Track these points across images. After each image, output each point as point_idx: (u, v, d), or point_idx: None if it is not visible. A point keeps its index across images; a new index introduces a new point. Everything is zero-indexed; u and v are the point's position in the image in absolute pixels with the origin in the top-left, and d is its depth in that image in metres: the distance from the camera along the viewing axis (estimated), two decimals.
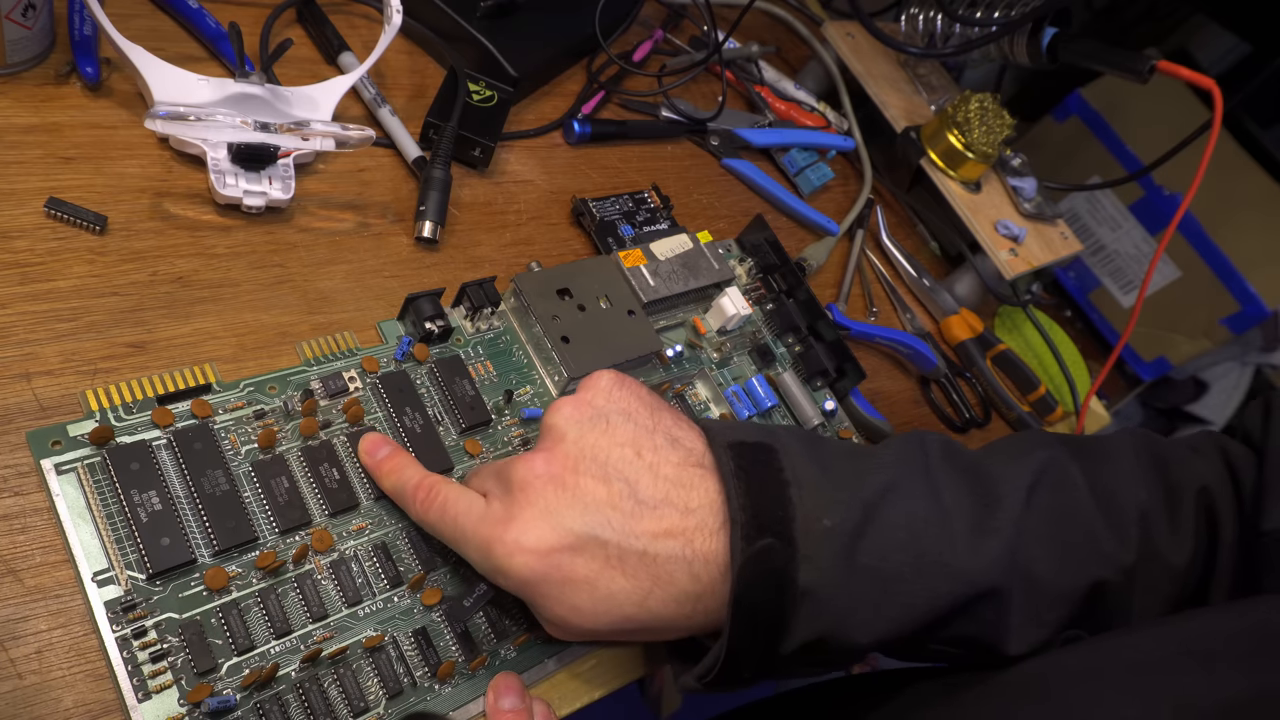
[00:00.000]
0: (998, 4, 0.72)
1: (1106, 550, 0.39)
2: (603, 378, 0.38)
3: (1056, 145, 1.14)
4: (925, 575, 0.35)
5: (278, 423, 0.40)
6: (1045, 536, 0.38)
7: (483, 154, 0.54)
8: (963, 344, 0.70)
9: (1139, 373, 1.18)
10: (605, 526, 0.34)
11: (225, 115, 0.44)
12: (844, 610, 0.34)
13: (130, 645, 0.33)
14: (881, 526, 0.35)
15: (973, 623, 0.37)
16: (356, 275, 0.47)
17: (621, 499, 0.35)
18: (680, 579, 0.34)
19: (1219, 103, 0.64)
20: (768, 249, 0.59)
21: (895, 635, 0.36)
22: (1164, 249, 0.73)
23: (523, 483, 0.35)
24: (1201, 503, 0.41)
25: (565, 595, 0.34)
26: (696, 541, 0.34)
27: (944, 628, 0.37)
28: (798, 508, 0.34)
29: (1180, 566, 0.40)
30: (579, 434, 0.36)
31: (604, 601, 0.34)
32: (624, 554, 0.34)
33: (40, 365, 0.37)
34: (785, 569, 0.34)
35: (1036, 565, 0.37)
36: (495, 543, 0.34)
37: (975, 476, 0.39)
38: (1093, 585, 0.38)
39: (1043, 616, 0.37)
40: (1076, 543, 0.38)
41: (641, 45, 0.69)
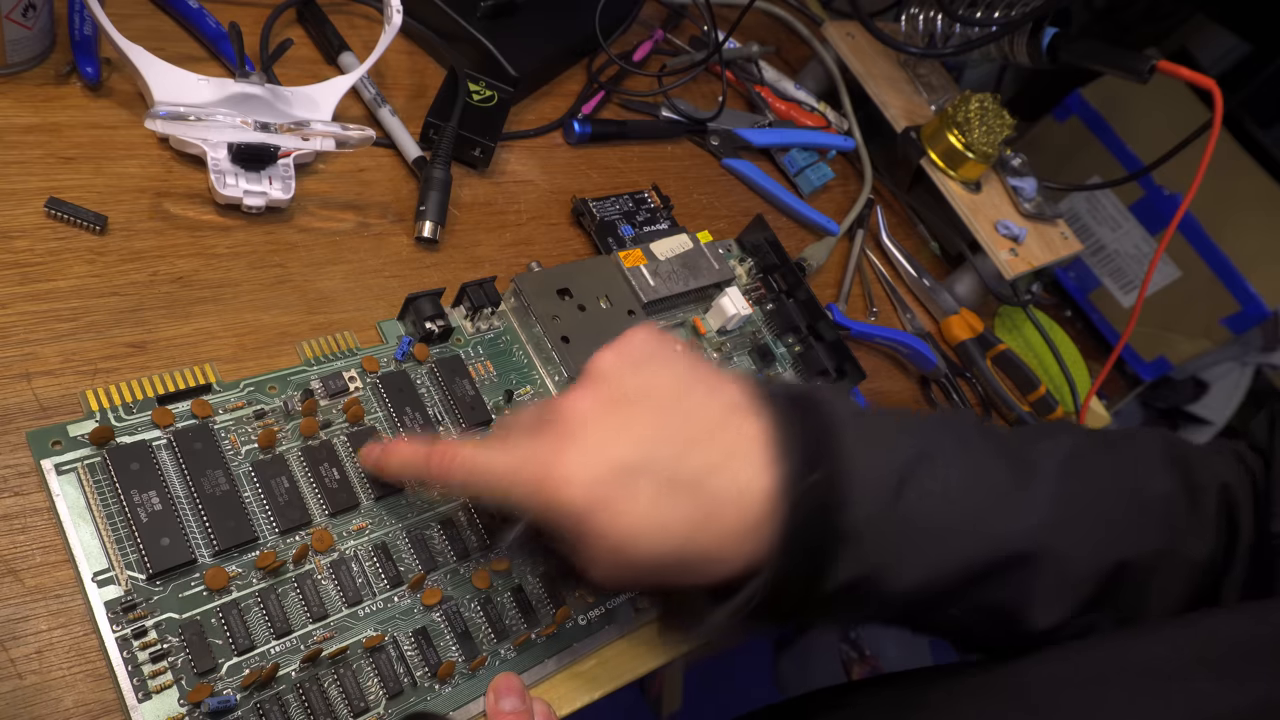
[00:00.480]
0: (998, 4, 0.72)
1: (1131, 535, 0.39)
2: (641, 330, 0.39)
3: (1056, 145, 1.13)
4: (961, 532, 0.36)
5: (278, 423, 0.40)
6: (1074, 515, 0.38)
7: (483, 154, 0.54)
8: (963, 344, 0.70)
9: (1139, 373, 1.18)
10: (657, 459, 0.34)
11: (225, 115, 0.44)
12: (883, 556, 0.35)
13: (130, 645, 0.33)
14: (922, 481, 0.36)
15: (1001, 588, 0.38)
16: (356, 275, 0.47)
17: (670, 434, 0.35)
18: (729, 513, 0.34)
19: (1219, 103, 0.64)
20: (768, 249, 0.59)
21: (929, 587, 0.36)
22: (1164, 249, 0.73)
23: (572, 414, 0.35)
24: (1222, 500, 0.42)
25: (618, 526, 0.33)
26: (743, 476, 0.34)
27: (973, 589, 0.37)
28: (844, 452, 0.35)
29: (1199, 560, 0.41)
30: (622, 376, 0.36)
31: (657, 533, 0.33)
32: (675, 486, 0.34)
33: (40, 365, 0.37)
34: (836, 506, 0.34)
35: (1064, 541, 0.38)
36: (546, 478, 0.34)
37: (1009, 451, 0.40)
38: (1116, 565, 0.39)
39: (1066, 593, 0.38)
40: (1103, 525, 0.39)
41: (641, 45, 0.69)
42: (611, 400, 0.35)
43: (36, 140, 0.42)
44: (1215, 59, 1.15)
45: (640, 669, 0.43)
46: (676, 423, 0.35)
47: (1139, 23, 1.14)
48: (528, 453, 0.35)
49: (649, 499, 0.33)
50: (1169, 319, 1.11)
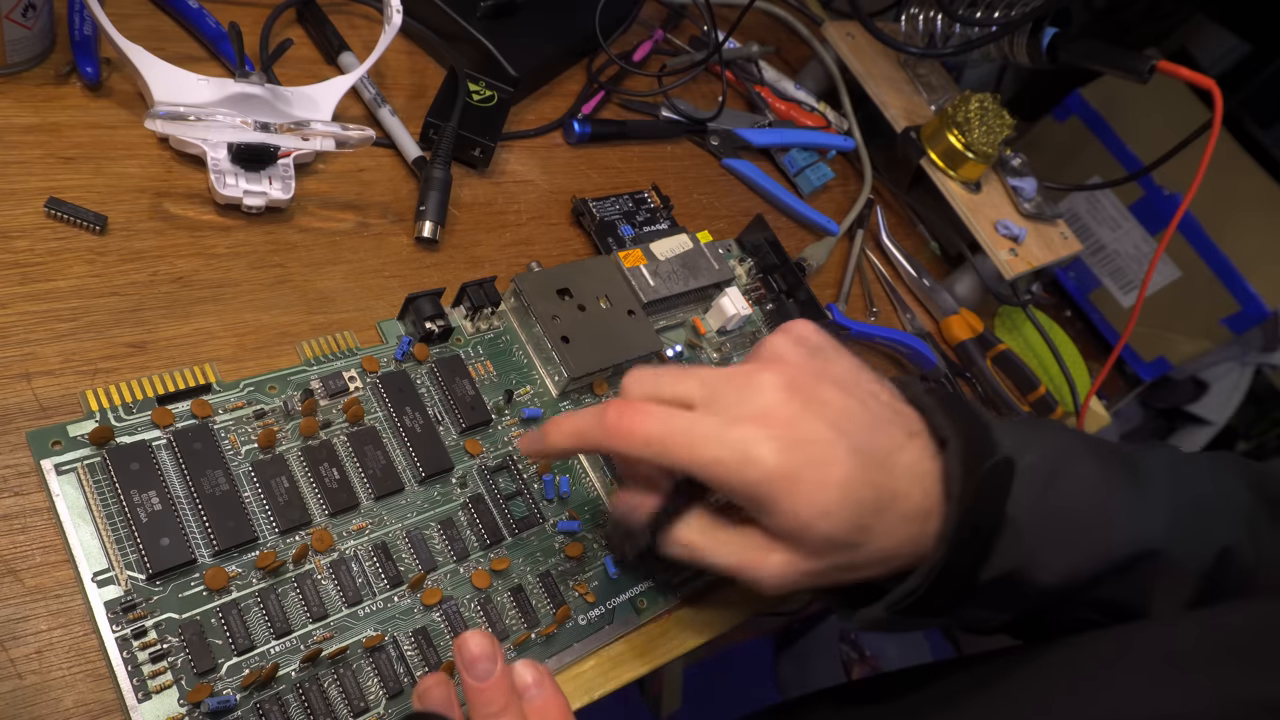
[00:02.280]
0: (998, 4, 0.72)
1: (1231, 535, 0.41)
2: (805, 321, 0.39)
3: (1056, 145, 1.14)
4: (1104, 527, 0.38)
5: (278, 423, 0.40)
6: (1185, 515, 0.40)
7: (483, 154, 0.54)
8: (963, 344, 0.70)
9: (1139, 373, 1.18)
10: (852, 433, 0.34)
11: (225, 115, 0.44)
12: (1035, 547, 0.36)
13: (130, 645, 0.33)
14: (1068, 476, 0.38)
15: (1127, 584, 0.39)
16: (356, 275, 0.47)
17: (859, 412, 0.35)
18: (914, 494, 0.35)
19: (1219, 103, 0.64)
20: (768, 249, 0.59)
21: (1071, 579, 0.38)
22: (1164, 249, 0.73)
23: (765, 386, 0.35)
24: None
25: (817, 494, 0.33)
26: (924, 460, 0.36)
27: (1103, 584, 0.39)
28: (1002, 443, 0.36)
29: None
30: (802, 358, 0.37)
31: (853, 505, 0.33)
32: (869, 461, 0.34)
33: (40, 365, 0.37)
34: (1004, 493, 0.35)
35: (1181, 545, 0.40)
36: (752, 436, 0.33)
37: (1122, 456, 0.42)
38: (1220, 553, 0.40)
39: (1179, 592, 0.40)
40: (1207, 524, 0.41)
41: (641, 45, 0.69)
42: (800, 376, 0.35)
43: (36, 140, 0.42)
44: (1215, 59, 1.15)
45: (640, 669, 0.43)
46: (860, 404, 0.36)
47: (1139, 23, 1.14)
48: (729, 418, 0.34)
49: (846, 470, 0.33)
50: (1169, 319, 1.11)
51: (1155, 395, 1.27)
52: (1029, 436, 0.39)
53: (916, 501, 0.35)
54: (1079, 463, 0.39)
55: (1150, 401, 1.30)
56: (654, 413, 0.35)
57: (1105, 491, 0.39)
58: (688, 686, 1.11)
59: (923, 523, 0.35)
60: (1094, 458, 0.40)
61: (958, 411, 0.37)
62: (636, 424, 0.35)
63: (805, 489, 0.33)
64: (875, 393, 0.37)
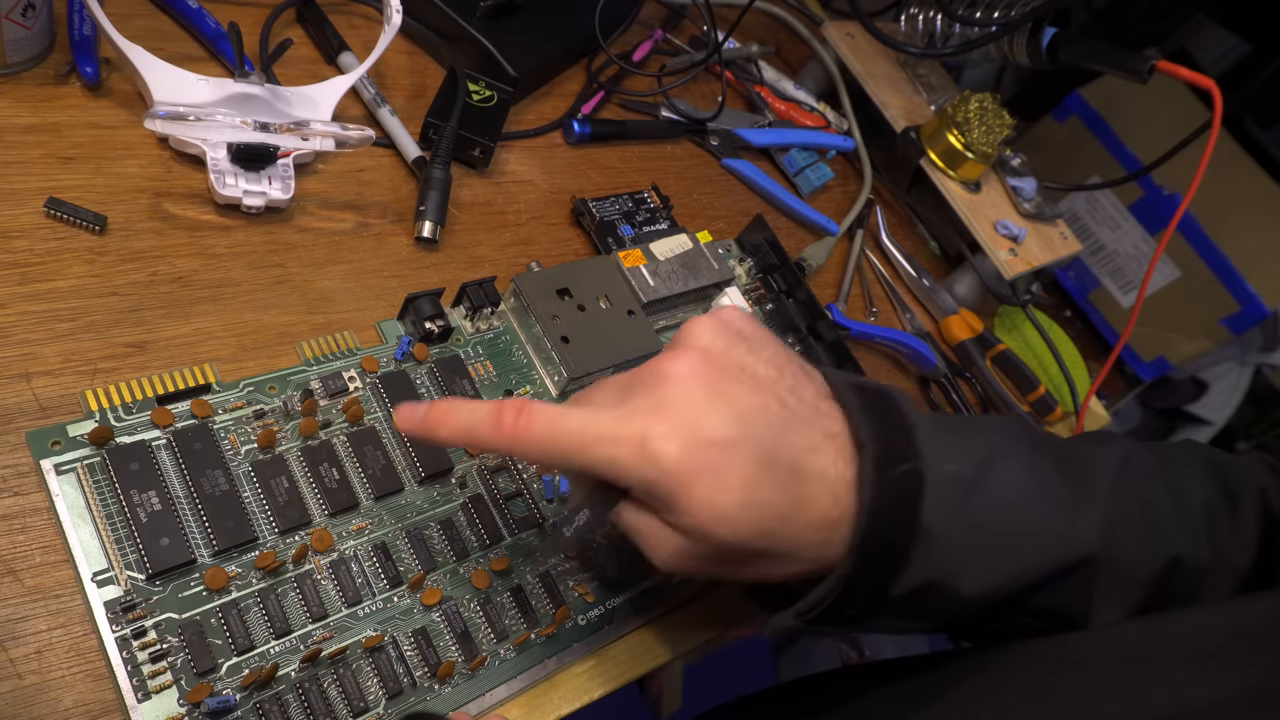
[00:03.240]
0: (998, 4, 0.72)
1: (1183, 538, 0.39)
2: (734, 308, 0.37)
3: (1056, 145, 1.14)
4: (1030, 535, 0.36)
5: (277, 423, 0.40)
6: (1131, 518, 0.38)
7: (483, 154, 0.54)
8: (962, 344, 0.70)
9: (1139, 373, 1.18)
10: (761, 432, 0.32)
11: (225, 115, 0.44)
12: (956, 558, 0.34)
13: (130, 645, 0.33)
14: (993, 484, 0.36)
15: (1062, 592, 0.37)
16: (356, 275, 0.47)
17: (773, 410, 0.33)
18: (823, 500, 0.33)
19: (1219, 103, 0.64)
20: (768, 249, 0.59)
21: (996, 591, 0.36)
22: (1164, 249, 0.73)
23: (675, 377, 0.33)
24: (1260, 505, 0.42)
25: (717, 496, 0.31)
26: (839, 464, 0.33)
27: (1038, 594, 0.37)
28: (923, 449, 0.34)
29: (1244, 568, 0.41)
30: (725, 346, 0.34)
31: (753, 510, 0.32)
32: (775, 463, 0.32)
33: (40, 365, 0.37)
34: (913, 502, 0.33)
35: (1122, 545, 0.38)
36: (649, 432, 0.31)
37: (1066, 456, 0.39)
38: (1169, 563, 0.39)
39: (1124, 597, 0.38)
40: (1156, 528, 0.39)
41: (641, 45, 0.69)
42: (715, 368, 0.33)
43: (36, 140, 0.42)
44: (1215, 59, 1.15)
45: (640, 669, 0.43)
46: (776, 401, 0.34)
47: (1139, 23, 1.14)
48: (624, 412, 0.32)
49: (751, 473, 0.32)
50: (1169, 319, 1.11)
51: (1155, 395, 1.27)
52: (957, 441, 0.36)
53: (824, 509, 0.33)
54: (1007, 469, 0.36)
55: (1150, 401, 1.30)
56: (544, 412, 0.33)
57: (1035, 499, 0.37)
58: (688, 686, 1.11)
59: (831, 530, 0.33)
60: (1026, 463, 0.37)
61: (881, 413, 0.35)
62: (523, 427, 0.33)
63: (702, 490, 0.31)
64: (797, 389, 0.35)
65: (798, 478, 0.33)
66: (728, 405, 0.32)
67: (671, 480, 0.31)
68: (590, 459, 0.32)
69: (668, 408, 0.32)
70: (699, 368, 0.33)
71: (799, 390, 0.35)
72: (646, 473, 0.31)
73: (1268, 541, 0.41)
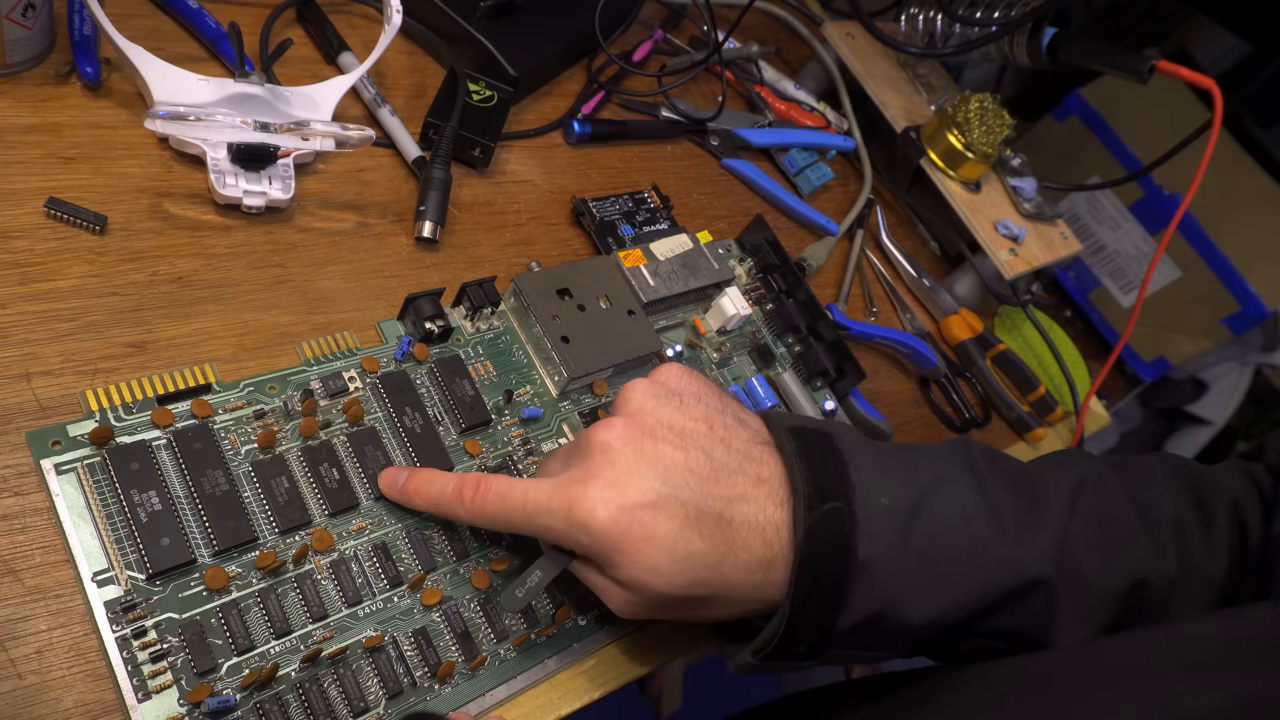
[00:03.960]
0: (998, 4, 0.72)
1: (1147, 555, 0.40)
2: (673, 366, 0.40)
3: (1056, 145, 1.13)
4: (976, 560, 0.37)
5: (278, 423, 0.40)
6: (1089, 538, 0.39)
7: (483, 154, 0.54)
8: (962, 344, 0.70)
9: (1139, 373, 1.18)
10: (685, 488, 0.35)
11: (225, 115, 0.44)
12: (900, 588, 0.36)
13: (130, 645, 0.33)
14: (935, 511, 0.37)
15: (1020, 614, 0.38)
16: (356, 275, 0.47)
17: (699, 464, 0.35)
18: (754, 544, 0.35)
19: (1219, 103, 0.64)
20: (768, 249, 0.59)
21: (946, 618, 0.37)
22: (1164, 249, 0.73)
23: (603, 445, 0.35)
24: (1233, 517, 0.42)
25: (645, 553, 0.34)
26: (769, 509, 0.35)
27: (992, 616, 0.38)
28: (857, 485, 0.36)
29: (1216, 579, 0.41)
30: (655, 407, 0.37)
31: (681, 561, 0.34)
32: (702, 515, 0.34)
33: (40, 365, 0.37)
34: (847, 538, 0.35)
35: (1082, 565, 0.38)
36: (579, 500, 0.34)
37: (1019, 478, 0.40)
38: (1134, 585, 0.39)
39: (1087, 615, 0.39)
40: (1119, 546, 0.40)
41: (641, 45, 0.69)
42: (641, 432, 0.36)
43: (36, 140, 0.42)
44: (1215, 59, 1.15)
45: (640, 669, 0.43)
46: (704, 455, 0.36)
47: (1139, 23, 1.14)
48: (560, 481, 0.35)
49: (676, 528, 0.34)
50: (1169, 319, 1.11)
51: (1155, 395, 1.27)
52: (896, 472, 0.38)
53: (756, 551, 0.35)
54: (951, 494, 0.38)
55: (1150, 401, 1.30)
56: (495, 488, 0.36)
57: (980, 523, 0.37)
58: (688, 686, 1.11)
59: (766, 572, 0.35)
60: (972, 487, 0.38)
61: (816, 454, 0.36)
62: (479, 502, 0.36)
63: (631, 547, 0.34)
64: (728, 439, 0.37)
65: (725, 526, 0.35)
66: (651, 466, 0.35)
67: (603, 542, 0.34)
68: (535, 528, 0.36)
69: (595, 474, 0.35)
70: (626, 432, 0.36)
71: (730, 441, 0.37)
72: (580, 538, 0.35)
73: (1242, 551, 0.42)
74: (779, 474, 0.37)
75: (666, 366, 0.40)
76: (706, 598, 0.35)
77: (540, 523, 0.35)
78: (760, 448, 0.37)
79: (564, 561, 0.37)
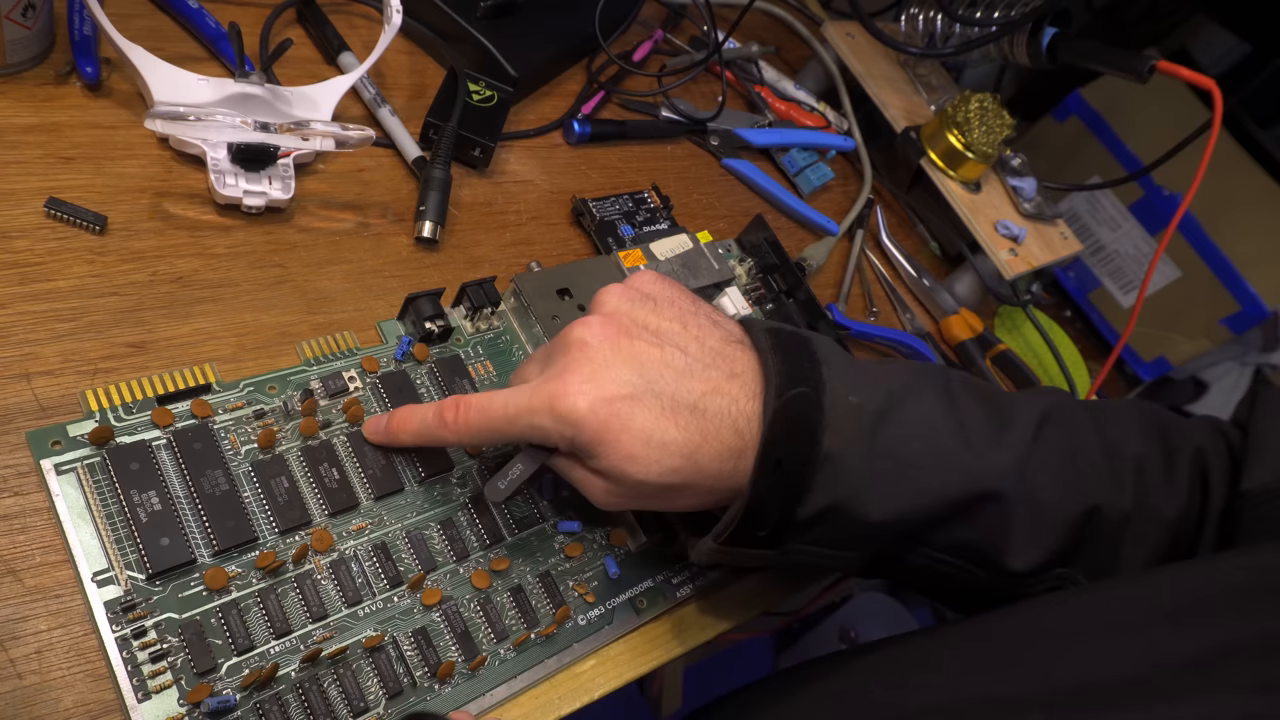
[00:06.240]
0: (998, 4, 0.72)
1: (1104, 486, 0.41)
2: (648, 272, 0.41)
3: (1056, 145, 1.13)
4: (939, 466, 0.38)
5: (278, 423, 0.40)
6: (1050, 465, 0.40)
7: (483, 154, 0.54)
8: (962, 344, 0.70)
9: (1139, 373, 1.18)
10: (660, 381, 0.36)
11: (225, 115, 0.44)
12: (861, 483, 0.37)
13: (130, 645, 0.33)
14: (903, 417, 0.38)
15: (976, 526, 0.39)
16: (356, 275, 0.47)
17: (673, 360, 0.37)
18: (725, 434, 0.36)
19: (1219, 103, 0.64)
20: (768, 249, 0.59)
21: (904, 519, 0.38)
22: (1164, 249, 0.73)
23: (580, 342, 0.37)
24: (1197, 463, 0.44)
25: (623, 443, 0.35)
26: (741, 400, 0.37)
27: (947, 525, 0.39)
28: (827, 382, 0.37)
29: (1171, 517, 0.42)
30: (630, 308, 0.38)
31: (657, 450, 0.35)
32: (677, 407, 0.36)
33: (40, 365, 0.37)
34: (813, 428, 0.36)
35: (1041, 490, 0.40)
36: (559, 395, 0.35)
37: (991, 400, 0.42)
38: (1088, 511, 0.40)
39: (1041, 537, 0.40)
40: (1078, 475, 0.41)
41: (641, 45, 0.69)
42: (618, 329, 0.37)
43: (36, 140, 0.42)
44: (1215, 59, 1.15)
45: (640, 669, 0.43)
46: (678, 351, 0.37)
47: (1139, 23, 1.14)
48: (538, 381, 0.37)
49: (653, 418, 0.35)
50: (1169, 319, 1.11)
51: (1155, 395, 1.26)
52: (868, 377, 0.39)
53: (728, 441, 0.36)
54: (920, 403, 0.39)
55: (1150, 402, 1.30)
56: (475, 404, 0.38)
57: (946, 433, 0.39)
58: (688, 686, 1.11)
59: (736, 460, 0.36)
60: (944, 400, 0.40)
61: (790, 351, 0.38)
62: (462, 420, 0.38)
63: (611, 436, 0.35)
64: (702, 338, 0.38)
65: (699, 416, 0.36)
66: (627, 361, 0.36)
67: (585, 433, 0.35)
68: (519, 431, 0.37)
69: (574, 370, 0.36)
70: (603, 330, 0.37)
71: (704, 339, 0.38)
72: (565, 430, 0.36)
73: (1202, 499, 0.43)
74: (753, 368, 0.38)
75: (642, 272, 0.41)
76: (681, 485, 0.36)
77: (525, 423, 0.36)
78: (734, 346, 0.39)
79: (544, 456, 0.38)
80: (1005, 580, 0.41)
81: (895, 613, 1.19)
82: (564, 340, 0.37)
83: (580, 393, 0.35)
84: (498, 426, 0.37)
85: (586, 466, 0.37)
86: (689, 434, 0.36)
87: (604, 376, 0.36)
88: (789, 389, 0.36)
